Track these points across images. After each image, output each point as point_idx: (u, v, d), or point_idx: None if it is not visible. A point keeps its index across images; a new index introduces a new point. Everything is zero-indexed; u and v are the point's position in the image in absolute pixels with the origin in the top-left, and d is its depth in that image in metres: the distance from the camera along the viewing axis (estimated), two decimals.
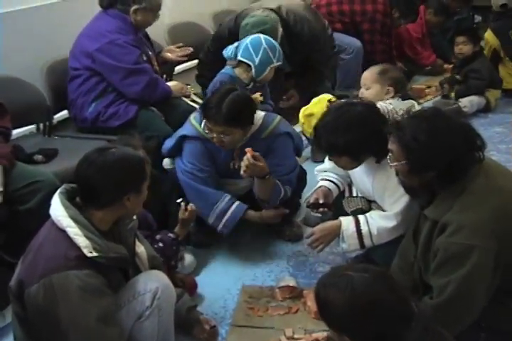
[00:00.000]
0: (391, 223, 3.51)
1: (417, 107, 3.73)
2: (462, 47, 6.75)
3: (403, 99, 3.92)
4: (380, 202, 3.66)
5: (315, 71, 5.88)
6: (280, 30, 5.26)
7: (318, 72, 5.91)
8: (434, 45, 7.96)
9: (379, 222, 3.56)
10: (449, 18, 8.32)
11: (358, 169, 3.66)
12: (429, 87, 7.17)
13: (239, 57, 4.72)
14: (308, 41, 5.65)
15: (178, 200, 3.88)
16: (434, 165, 2.79)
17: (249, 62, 4.68)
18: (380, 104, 3.72)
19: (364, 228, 3.59)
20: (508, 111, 6.81)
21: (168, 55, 5.36)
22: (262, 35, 4.77)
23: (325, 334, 3.29)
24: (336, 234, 3.67)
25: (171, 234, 3.71)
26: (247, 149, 3.84)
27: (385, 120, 3.44)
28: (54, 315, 2.70)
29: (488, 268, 2.73)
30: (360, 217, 3.63)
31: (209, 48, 5.84)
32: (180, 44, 5.40)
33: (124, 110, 4.77)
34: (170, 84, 5.09)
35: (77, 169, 2.84)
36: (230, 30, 5.56)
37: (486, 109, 6.75)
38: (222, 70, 4.90)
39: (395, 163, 2.92)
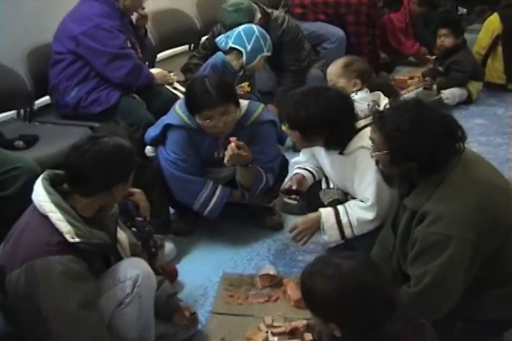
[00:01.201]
0: (370, 215, 3.55)
1: (383, 98, 3.73)
2: (444, 39, 6.78)
3: (371, 91, 3.92)
4: (352, 193, 3.72)
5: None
6: (258, 16, 5.24)
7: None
8: (417, 35, 7.97)
9: (358, 213, 3.59)
10: (432, 9, 8.36)
11: (326, 161, 3.75)
12: (411, 78, 7.19)
13: (230, 44, 4.77)
14: (281, 36, 5.66)
15: None
16: (416, 156, 2.80)
17: (241, 49, 4.74)
18: None
19: (344, 218, 3.62)
20: (489, 104, 6.87)
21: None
22: (254, 25, 4.83)
23: (304, 322, 3.32)
24: (318, 225, 3.69)
25: (138, 218, 3.71)
26: (232, 139, 3.85)
27: (351, 115, 3.51)
28: (35, 301, 2.71)
29: (466, 258, 2.75)
30: (340, 208, 3.66)
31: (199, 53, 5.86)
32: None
33: (105, 96, 4.77)
34: (153, 71, 5.12)
35: (69, 156, 2.83)
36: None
37: (467, 101, 6.81)
38: (214, 56, 4.93)
39: (376, 153, 2.94)
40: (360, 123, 3.53)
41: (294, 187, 3.92)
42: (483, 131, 6.10)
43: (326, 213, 3.68)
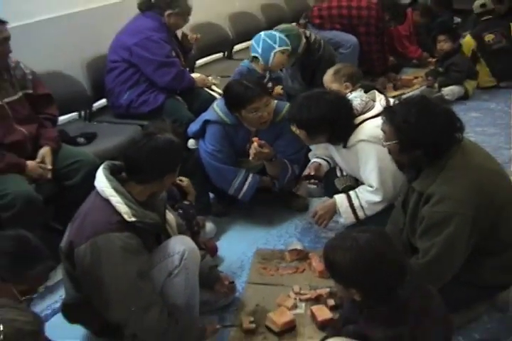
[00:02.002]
0: (377, 197, 3.54)
1: (378, 95, 3.73)
2: (443, 44, 6.77)
3: (366, 91, 3.85)
4: (360, 179, 3.71)
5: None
6: (304, 41, 5.22)
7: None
8: (420, 42, 7.95)
9: (367, 197, 3.59)
10: (432, 19, 8.37)
11: (335, 154, 3.78)
12: (416, 78, 7.14)
13: (251, 55, 4.76)
14: (319, 59, 5.58)
15: None
16: (421, 144, 2.80)
17: (256, 54, 4.73)
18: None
19: (355, 202, 3.62)
20: (483, 99, 6.82)
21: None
22: (262, 32, 4.83)
23: (328, 290, 3.34)
24: (334, 210, 3.71)
25: (185, 202, 3.74)
26: (254, 139, 3.94)
27: (349, 113, 3.52)
28: (98, 271, 2.77)
29: (466, 232, 2.76)
30: (351, 193, 3.66)
31: None
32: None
33: (153, 98, 4.81)
34: (193, 75, 5.12)
35: (127, 150, 2.90)
36: None
37: (464, 97, 6.78)
38: (241, 63, 4.92)
39: (388, 143, 2.93)
40: (358, 119, 3.54)
41: (312, 173, 3.93)
42: (479, 122, 6.06)
43: (340, 199, 3.69)
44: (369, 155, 3.47)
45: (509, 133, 5.75)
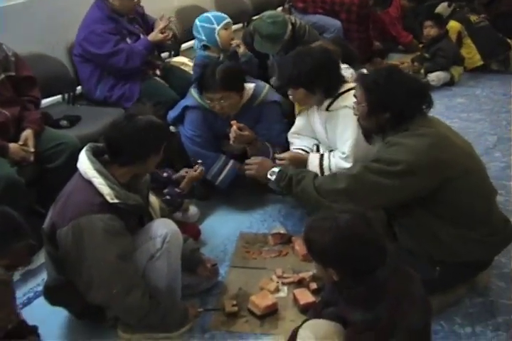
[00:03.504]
0: (346, 164, 3.58)
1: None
2: (429, 29, 6.82)
3: None
4: (334, 147, 3.76)
5: None
6: (290, 27, 5.19)
7: None
8: (407, 26, 7.93)
9: (338, 161, 3.62)
10: (420, 3, 8.38)
11: (317, 121, 3.80)
12: (402, 63, 7.12)
13: (200, 45, 4.79)
14: (304, 45, 5.52)
15: (199, 161, 3.99)
16: (389, 107, 2.89)
17: (204, 42, 4.74)
18: None
19: (325, 162, 3.66)
20: (469, 85, 6.84)
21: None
22: (196, 20, 4.81)
23: (310, 273, 3.35)
24: (303, 163, 3.72)
25: (177, 189, 3.76)
26: (233, 122, 3.94)
27: (338, 64, 3.68)
28: (80, 253, 2.79)
29: (403, 180, 2.84)
30: (325, 154, 3.72)
31: None
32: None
33: (129, 92, 4.75)
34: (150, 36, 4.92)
35: (108, 132, 2.90)
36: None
37: (450, 83, 6.79)
38: (196, 57, 4.91)
39: (357, 106, 3.03)
40: (346, 86, 3.62)
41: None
42: (464, 108, 6.06)
43: (313, 156, 3.76)
44: (349, 123, 3.53)
45: (494, 120, 5.77)
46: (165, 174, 3.82)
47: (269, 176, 3.34)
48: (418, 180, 2.84)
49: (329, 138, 3.78)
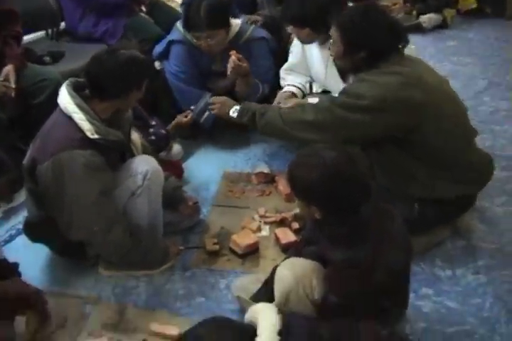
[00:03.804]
0: None
1: None
2: None
3: None
4: (333, 91, 3.70)
5: None
6: None
7: None
8: None
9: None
10: None
11: (315, 56, 3.75)
12: (394, 5, 7.01)
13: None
14: None
15: (192, 107, 3.96)
16: (364, 45, 2.85)
17: None
18: None
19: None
20: (462, 28, 6.75)
21: None
22: None
23: (292, 213, 3.34)
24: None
25: (163, 130, 3.72)
26: (232, 52, 3.82)
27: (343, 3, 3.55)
28: (61, 188, 2.77)
29: (369, 114, 2.82)
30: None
31: None
32: None
33: (113, 28, 4.64)
34: None
35: (89, 67, 2.82)
36: None
37: (443, 26, 6.71)
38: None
39: (333, 47, 2.98)
40: None
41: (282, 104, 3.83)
42: (455, 51, 5.98)
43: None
44: None
45: (485, 64, 5.70)
46: (153, 122, 3.76)
47: (231, 113, 3.31)
48: (384, 117, 2.81)
49: (328, 77, 3.72)
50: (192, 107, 3.95)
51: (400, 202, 2.86)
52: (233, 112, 3.29)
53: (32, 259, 3.19)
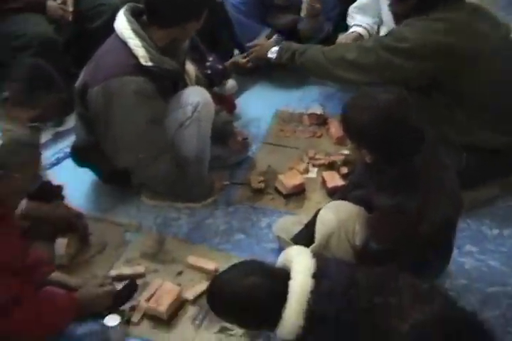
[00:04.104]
0: None
1: None
2: None
3: None
4: None
5: None
6: None
7: None
8: None
9: None
10: None
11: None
12: None
13: None
14: None
15: (248, 44, 3.83)
16: None
17: None
18: None
19: None
20: None
21: None
22: None
23: (342, 157, 3.28)
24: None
25: (219, 66, 3.64)
26: None
27: None
28: (110, 114, 2.76)
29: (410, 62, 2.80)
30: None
31: None
32: None
33: None
34: None
35: None
36: None
37: None
38: None
39: None
40: None
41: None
42: None
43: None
44: None
45: None
46: (210, 58, 3.68)
47: (269, 55, 3.27)
48: (425, 62, 2.78)
49: None
50: (249, 44, 3.83)
51: (448, 151, 2.76)
52: (272, 53, 3.24)
53: (77, 184, 3.20)
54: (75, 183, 3.15)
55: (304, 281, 1.94)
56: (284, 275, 1.99)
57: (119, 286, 2.55)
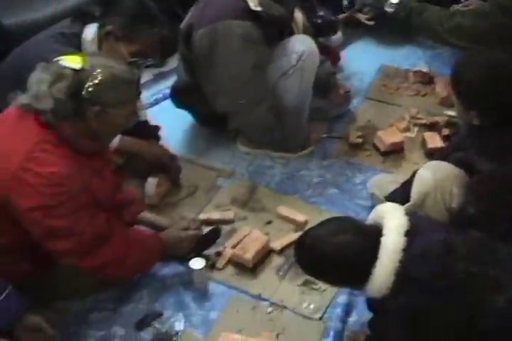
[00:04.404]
0: None
1: None
2: None
3: None
4: None
5: None
6: None
7: None
8: None
9: None
10: None
11: None
12: None
13: None
14: None
15: None
16: None
17: None
18: None
19: None
20: None
21: None
22: None
23: (445, 118, 3.17)
24: None
25: (332, 17, 3.53)
26: None
27: None
28: (214, 57, 2.73)
29: None
30: None
31: None
32: None
33: None
34: None
35: None
36: None
37: None
38: None
39: None
40: None
41: None
42: None
43: None
44: None
45: None
46: (321, 12, 3.56)
47: (386, 8, 3.20)
48: None
49: None
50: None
51: None
52: (389, 7, 3.17)
53: (174, 125, 3.21)
54: (171, 125, 3.16)
55: (397, 239, 1.87)
56: (375, 232, 1.92)
57: (205, 230, 2.55)
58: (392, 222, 1.92)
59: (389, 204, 2.11)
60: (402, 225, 1.91)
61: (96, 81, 1.91)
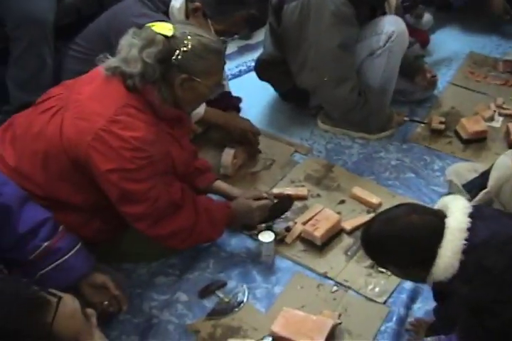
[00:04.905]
0: None
1: None
2: None
3: None
4: None
5: None
6: None
7: None
8: None
9: None
10: None
11: None
12: None
13: None
14: None
15: None
16: None
17: None
18: None
19: None
20: None
21: None
22: None
23: None
24: None
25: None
26: None
27: None
28: (303, 32, 2.70)
29: None
30: None
31: None
32: None
33: None
34: None
35: None
36: None
37: None
38: None
39: None
40: None
41: None
42: None
43: None
44: None
45: None
46: None
47: None
48: None
49: None
50: None
51: None
52: None
53: (255, 98, 3.20)
54: (253, 98, 3.15)
55: (461, 218, 1.82)
56: (441, 215, 1.88)
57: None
58: (456, 204, 1.87)
59: (451, 195, 2.05)
60: (466, 207, 1.86)
61: (186, 49, 1.91)
